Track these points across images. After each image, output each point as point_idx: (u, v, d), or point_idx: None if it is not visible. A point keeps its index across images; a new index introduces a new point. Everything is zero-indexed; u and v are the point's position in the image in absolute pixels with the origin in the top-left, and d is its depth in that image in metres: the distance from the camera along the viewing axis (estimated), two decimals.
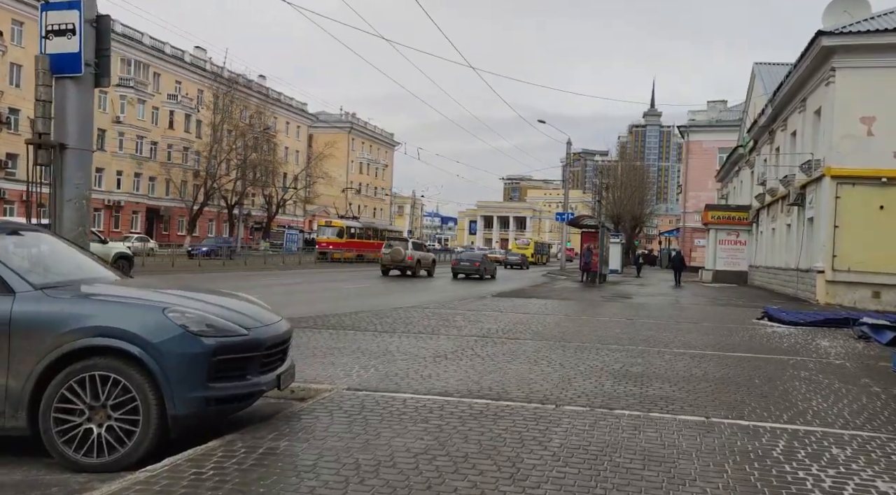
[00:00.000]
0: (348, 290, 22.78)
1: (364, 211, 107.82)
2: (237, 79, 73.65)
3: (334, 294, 21.03)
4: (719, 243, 36.98)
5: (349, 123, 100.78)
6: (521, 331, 11.72)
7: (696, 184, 61.15)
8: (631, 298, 21.66)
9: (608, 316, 15.18)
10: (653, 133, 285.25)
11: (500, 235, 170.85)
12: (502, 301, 18.43)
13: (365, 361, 8.15)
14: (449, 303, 17.59)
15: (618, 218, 73.25)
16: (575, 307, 17.26)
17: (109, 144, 60.43)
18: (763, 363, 9.15)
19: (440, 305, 16.56)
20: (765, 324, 14.23)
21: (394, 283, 28.15)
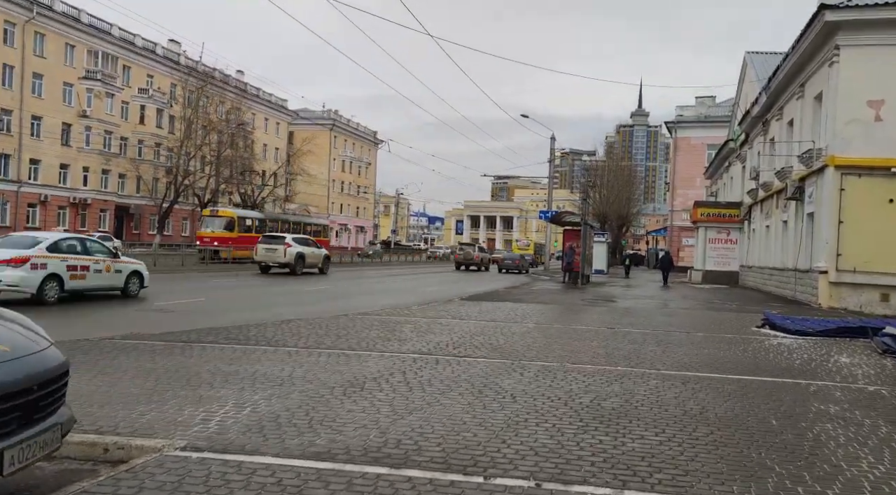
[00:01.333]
0: (319, 292, 20.64)
1: (347, 210, 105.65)
2: (212, 73, 71.39)
3: (307, 297, 18.89)
4: (709, 242, 35.10)
5: (331, 120, 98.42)
6: (477, 345, 9.63)
7: (684, 181, 59.40)
8: (615, 302, 19.64)
9: (586, 324, 13.12)
10: (640, 133, 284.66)
11: (488, 235, 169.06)
12: (469, 305, 16.34)
13: (248, 395, 6.04)
14: (407, 307, 15.48)
15: (604, 217, 71.42)
16: (550, 313, 15.19)
17: (75, 139, 57.87)
18: (776, 391, 7.10)
19: (396, 310, 14.45)
20: (767, 334, 12.22)
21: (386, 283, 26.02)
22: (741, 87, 36.81)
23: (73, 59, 57.46)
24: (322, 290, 22.17)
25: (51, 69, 55.16)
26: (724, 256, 34.84)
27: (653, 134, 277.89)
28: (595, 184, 71.32)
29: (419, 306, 15.92)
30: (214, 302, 17.02)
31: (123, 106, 63.07)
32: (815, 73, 20.47)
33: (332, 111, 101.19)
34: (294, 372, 7.17)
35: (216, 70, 73.47)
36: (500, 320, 13.08)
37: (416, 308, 15.36)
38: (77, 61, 57.73)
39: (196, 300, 17.10)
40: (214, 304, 16.22)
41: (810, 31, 19.11)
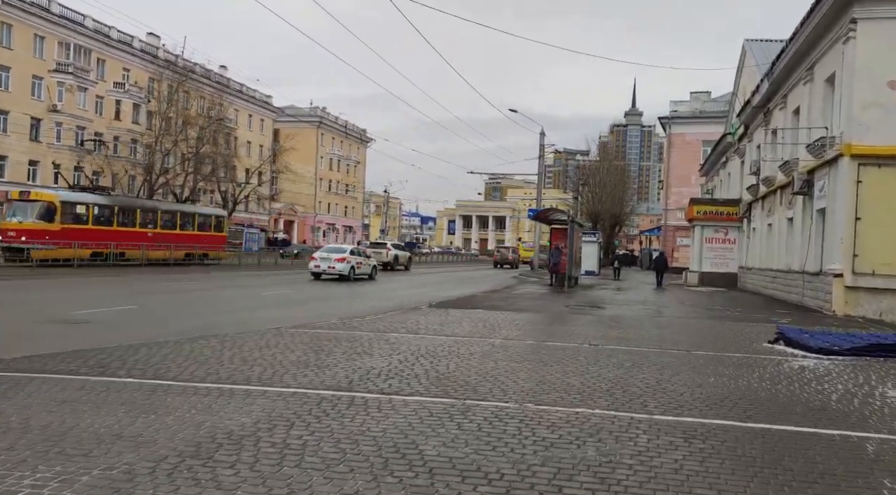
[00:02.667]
0: (278, 297, 18.44)
1: (335, 209, 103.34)
2: (193, 68, 69.05)
3: (259, 302, 16.70)
4: (706, 242, 33.02)
5: (318, 117, 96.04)
6: (418, 373, 7.46)
7: (678, 179, 57.43)
8: (602, 308, 17.49)
9: (565, 339, 10.96)
10: (634, 132, 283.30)
11: (480, 235, 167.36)
12: (433, 314, 14.17)
13: (19, 475, 3.86)
14: (361, 317, 13.31)
15: (596, 216, 69.38)
16: (525, 324, 13.03)
17: (45, 135, 55.45)
18: (820, 453, 4.95)
19: (343, 322, 12.28)
20: (784, 353, 10.09)
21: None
22: (739, 77, 34.75)
23: (43, 51, 55.02)
24: (281, 295, 19.98)
25: (18, 61, 52.71)
26: (722, 257, 32.77)
27: (646, 133, 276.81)
28: (587, 182, 69.27)
29: (375, 316, 13.74)
30: (147, 310, 14.82)
31: (98, 100, 60.62)
32: (827, 52, 18.37)
33: (319, 108, 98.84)
34: (134, 424, 4.99)
35: (197, 65, 71.24)
36: (463, 335, 10.91)
37: (369, 318, 13.18)
38: (47, 53, 55.29)
39: (126, 308, 14.92)
40: (141, 315, 14.02)
41: (822, 3, 17.00)
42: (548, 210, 28.07)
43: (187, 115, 61.43)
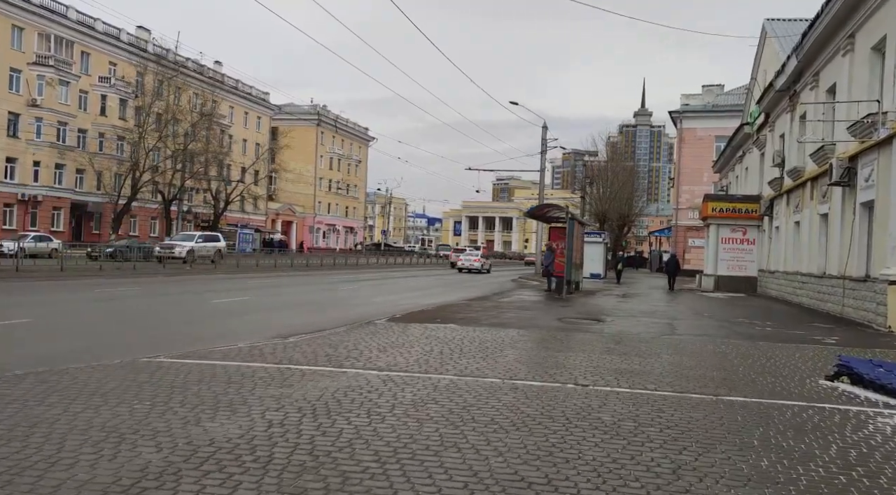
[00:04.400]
0: (230, 304, 15.52)
1: (335, 209, 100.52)
2: (185, 62, 66.47)
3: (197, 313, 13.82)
4: (722, 242, 29.91)
5: (317, 115, 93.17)
6: (277, 457, 4.49)
7: (689, 176, 54.30)
8: (603, 321, 14.46)
9: (544, 373, 7.97)
10: (643, 132, 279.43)
11: (486, 236, 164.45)
12: (387, 331, 11.20)
13: None
14: (290, 336, 10.36)
15: (603, 216, 66.24)
16: (496, 348, 10.01)
17: (24, 131, 52.87)
18: None
19: (257, 346, 9.33)
20: (855, 398, 7.05)
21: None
22: (758, 62, 31.63)
23: (22, 43, 52.47)
24: (237, 303, 17.07)
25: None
26: (740, 259, 29.66)
27: (656, 134, 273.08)
28: (594, 181, 66.15)
29: (311, 334, 10.79)
30: (43, 324, 11.93)
31: (81, 95, 58.00)
32: (874, 13, 15.29)
33: (318, 106, 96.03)
34: None
35: (189, 60, 68.65)
36: (403, 368, 7.94)
37: (297, 338, 10.22)
38: (26, 45, 52.73)
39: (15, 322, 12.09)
40: (32, 329, 11.11)
41: None
42: (544, 206, 25.00)
43: (175, 110, 58.86)
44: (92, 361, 7.72)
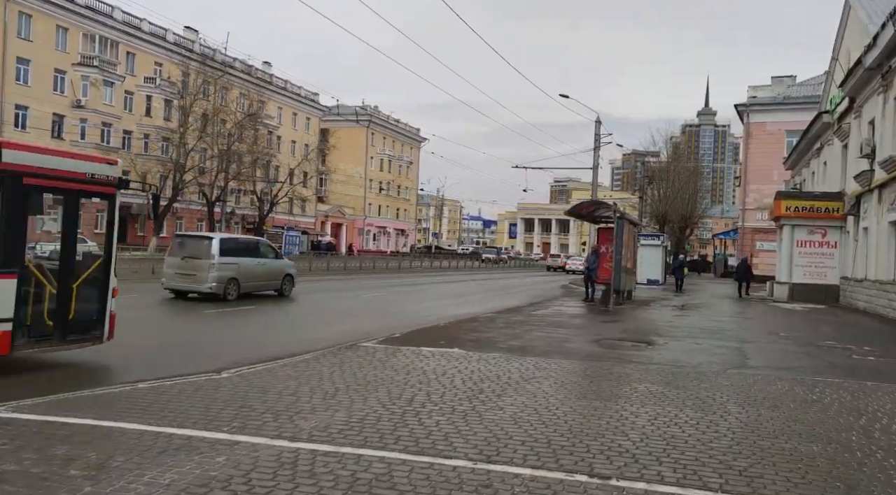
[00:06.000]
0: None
1: (386, 211, 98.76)
2: (232, 63, 65.69)
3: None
4: (797, 245, 26.27)
5: (368, 116, 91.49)
6: None
7: (758, 174, 50.07)
8: (652, 345, 11.53)
9: (543, 451, 5.23)
10: (707, 132, 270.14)
11: (542, 239, 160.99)
12: (361, 363, 8.60)
13: None
14: (240, 367, 7.91)
15: (664, 217, 62.20)
16: (493, 398, 7.28)
17: (69, 132, 52.48)
18: None
19: (191, 377, 6.89)
20: None
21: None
22: (839, 40, 27.88)
23: (67, 44, 52.13)
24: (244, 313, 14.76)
25: (39, 54, 49.83)
26: (819, 264, 25.98)
27: (720, 133, 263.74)
28: (653, 180, 62.20)
29: (253, 367, 8.30)
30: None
31: (127, 96, 57.49)
32: None
33: (369, 107, 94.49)
34: None
35: (237, 60, 67.87)
36: (329, 437, 5.34)
37: (244, 369, 7.75)
38: (71, 46, 52.38)
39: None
40: None
41: None
42: (589, 203, 21.96)
43: (220, 110, 57.87)
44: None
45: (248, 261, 19.08)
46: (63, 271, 8.24)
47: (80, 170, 8.37)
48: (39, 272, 8.07)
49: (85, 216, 9.12)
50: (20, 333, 7.73)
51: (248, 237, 30.78)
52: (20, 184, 7.59)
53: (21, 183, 7.61)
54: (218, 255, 17.82)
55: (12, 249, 7.66)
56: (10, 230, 7.60)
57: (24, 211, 7.82)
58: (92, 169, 8.57)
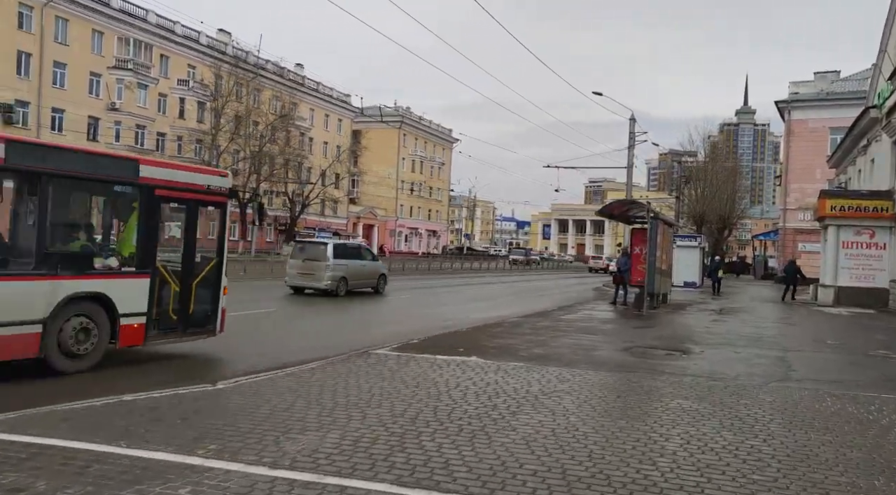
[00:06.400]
0: None
1: (417, 213, 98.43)
2: (264, 65, 65.90)
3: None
4: (843, 247, 25.02)
5: (399, 117, 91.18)
6: None
7: (799, 173, 48.40)
8: (687, 354, 10.73)
9: (549, 488, 4.55)
10: (746, 131, 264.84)
11: (577, 240, 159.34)
12: (369, 373, 8.00)
13: None
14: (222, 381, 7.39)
15: (701, 217, 60.66)
16: (506, 416, 6.61)
17: (104, 134, 53.08)
18: None
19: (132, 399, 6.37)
20: None
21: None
22: (888, 31, 26.55)
23: (102, 47, 52.73)
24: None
25: (75, 58, 50.49)
26: (866, 267, 24.70)
27: (760, 132, 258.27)
28: (689, 179, 60.67)
29: (255, 376, 7.77)
30: None
31: (160, 98, 57.98)
32: None
33: (401, 108, 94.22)
34: None
35: (269, 62, 68.09)
36: (304, 464, 4.74)
37: (252, 378, 7.21)
38: (106, 49, 52.96)
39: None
40: None
41: None
42: (622, 203, 21.10)
43: (252, 111, 58.09)
44: None
45: (354, 263, 22.26)
46: (184, 272, 9.23)
47: (199, 182, 9.40)
48: (166, 272, 9.03)
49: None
50: (151, 326, 8.78)
51: (353, 242, 34.66)
52: (153, 195, 8.68)
53: (154, 194, 8.69)
54: (332, 258, 20.92)
55: (147, 252, 8.72)
56: (146, 235, 8.64)
57: (156, 218, 8.82)
58: (208, 181, 9.62)
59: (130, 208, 8.75)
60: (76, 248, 8.38)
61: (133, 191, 8.65)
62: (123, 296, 8.32)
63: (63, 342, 7.70)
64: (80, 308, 7.91)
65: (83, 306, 7.95)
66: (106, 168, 8.69)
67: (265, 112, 59.22)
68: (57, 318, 7.63)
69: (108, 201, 9.02)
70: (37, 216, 7.71)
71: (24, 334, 7.34)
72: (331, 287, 20.55)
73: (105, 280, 8.22)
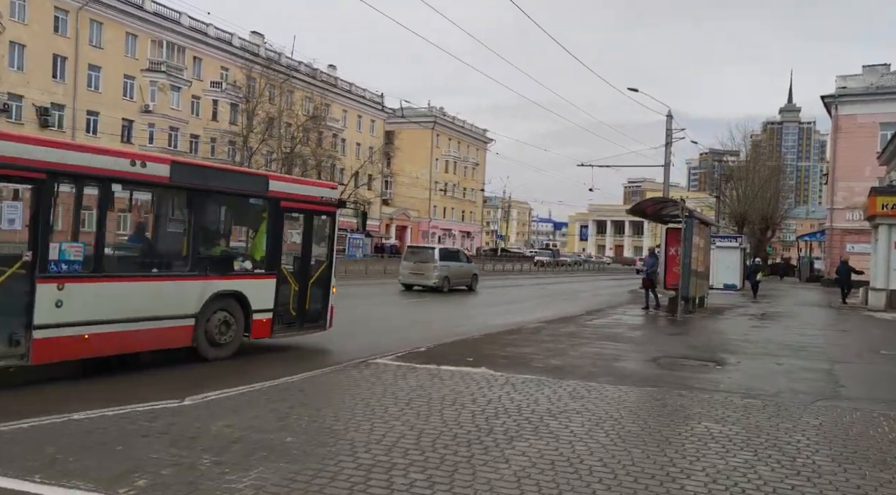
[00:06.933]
0: None
1: (451, 213, 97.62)
2: (297, 66, 65.86)
3: None
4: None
5: (433, 118, 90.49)
6: None
7: (847, 171, 46.32)
8: (722, 365, 9.68)
9: None
10: (790, 130, 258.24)
11: (615, 241, 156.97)
12: (359, 386, 7.19)
13: None
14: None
15: (742, 217, 58.66)
16: (501, 444, 5.71)
17: (137, 137, 53.41)
18: None
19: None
20: None
21: None
22: None
23: (136, 50, 53.06)
24: None
25: (109, 61, 50.86)
26: None
27: (805, 131, 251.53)
28: (730, 178, 58.71)
29: (226, 392, 7.01)
30: None
31: (194, 101, 58.20)
32: None
33: (434, 108, 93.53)
34: None
35: (301, 63, 68.03)
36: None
37: (225, 393, 6.45)
38: (140, 52, 53.28)
39: None
40: None
41: None
42: (655, 201, 19.94)
43: (284, 113, 57.99)
44: None
45: (454, 264, 26.34)
46: (302, 273, 10.40)
47: (315, 194, 10.59)
48: (288, 274, 10.20)
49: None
50: (276, 321, 9.93)
51: (453, 247, 39.66)
52: (279, 206, 9.88)
53: (279, 206, 9.89)
54: (439, 260, 25.19)
55: (273, 256, 9.90)
56: (273, 241, 9.82)
57: (280, 226, 9.99)
58: (321, 192, 10.79)
59: (261, 218, 9.91)
60: (219, 253, 9.63)
61: (263, 203, 9.84)
62: (255, 295, 9.52)
63: (209, 333, 8.95)
64: (223, 304, 9.14)
65: (225, 303, 9.17)
66: (243, 183, 10.11)
67: (297, 113, 59.07)
68: (205, 313, 8.87)
69: (243, 211, 10.31)
70: (191, 225, 9.01)
71: (181, 326, 8.63)
72: (438, 284, 24.44)
73: (242, 280, 9.46)
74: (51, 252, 7.43)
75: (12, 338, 7.05)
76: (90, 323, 7.63)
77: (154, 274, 8.70)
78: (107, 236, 8.30)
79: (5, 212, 7.47)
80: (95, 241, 7.92)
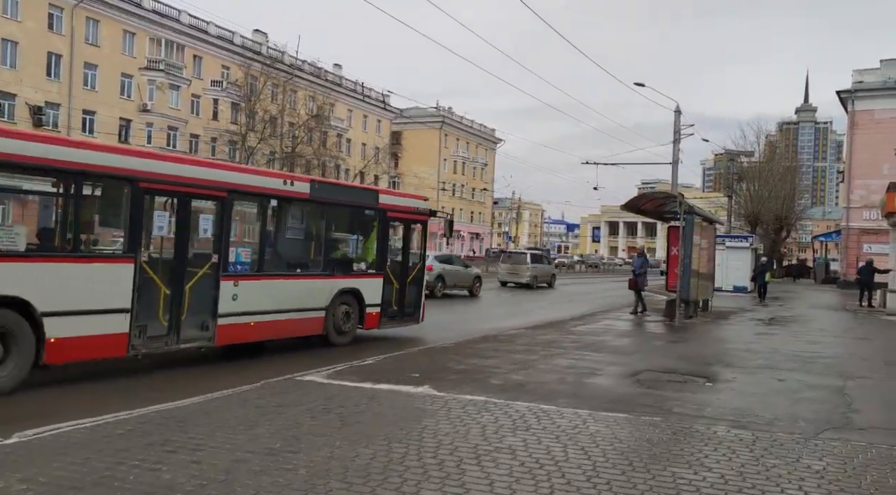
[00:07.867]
0: None
1: (460, 214, 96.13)
2: (301, 65, 64.73)
3: None
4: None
5: (441, 117, 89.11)
6: None
7: (864, 168, 44.53)
8: (713, 382, 8.23)
9: None
10: (806, 130, 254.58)
11: (627, 242, 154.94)
12: (248, 424, 5.87)
13: None
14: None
15: (755, 217, 56.83)
16: None
17: (135, 136, 52.43)
18: None
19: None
20: None
21: None
22: None
23: (133, 48, 52.11)
24: None
25: (106, 59, 49.90)
26: None
27: (821, 130, 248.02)
28: (742, 177, 56.89)
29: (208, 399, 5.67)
30: None
31: (193, 100, 57.19)
32: None
33: (442, 108, 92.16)
34: None
35: (305, 62, 66.93)
36: None
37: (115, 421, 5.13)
38: (137, 50, 52.31)
39: None
40: None
41: None
42: (652, 196, 18.40)
43: (283, 110, 56.84)
44: None
45: (540, 266, 31.93)
46: (401, 273, 12.02)
47: (412, 205, 12.36)
48: (391, 274, 11.78)
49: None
50: (382, 314, 11.61)
51: (537, 251, 43.44)
52: (385, 216, 11.61)
53: (386, 215, 11.62)
54: (530, 262, 30.64)
55: (381, 259, 11.57)
56: (381, 246, 11.51)
57: (386, 233, 11.70)
58: (416, 203, 12.56)
59: (371, 226, 11.56)
60: (340, 256, 11.36)
61: (374, 213, 11.49)
62: (368, 291, 11.18)
63: (336, 323, 10.68)
64: (345, 299, 10.80)
65: (346, 298, 10.83)
66: (361, 197, 11.99)
67: (299, 112, 57.93)
68: (333, 306, 10.59)
69: (360, 221, 11.72)
70: (323, 232, 10.79)
71: (316, 317, 10.38)
72: (530, 281, 29.55)
73: (358, 279, 11.17)
74: (230, 255, 9.09)
75: (203, 324, 8.60)
76: (255, 312, 9.25)
77: (298, 273, 10.35)
78: (267, 241, 9.93)
79: (201, 224, 8.98)
80: (259, 247, 9.70)
